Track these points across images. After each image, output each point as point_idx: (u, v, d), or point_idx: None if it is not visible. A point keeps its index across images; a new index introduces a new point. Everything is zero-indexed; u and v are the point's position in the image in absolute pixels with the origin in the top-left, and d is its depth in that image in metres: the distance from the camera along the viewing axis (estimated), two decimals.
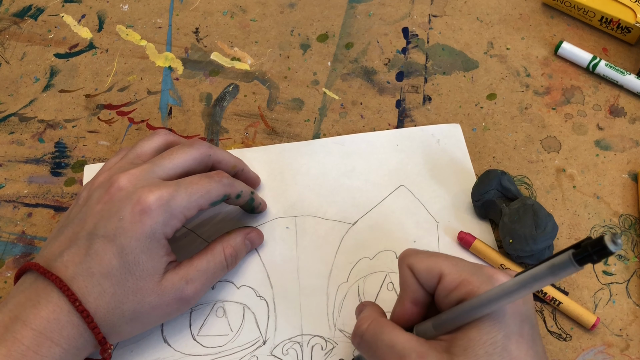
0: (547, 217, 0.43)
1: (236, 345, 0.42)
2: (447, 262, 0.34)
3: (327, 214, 0.47)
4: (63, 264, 0.37)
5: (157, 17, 0.58)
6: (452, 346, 0.31)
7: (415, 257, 0.34)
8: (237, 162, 0.45)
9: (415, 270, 0.34)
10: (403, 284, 0.35)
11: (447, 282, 0.33)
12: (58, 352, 0.35)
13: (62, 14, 0.58)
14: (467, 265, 0.33)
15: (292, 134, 0.51)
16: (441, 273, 0.33)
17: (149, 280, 0.37)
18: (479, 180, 0.46)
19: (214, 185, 0.40)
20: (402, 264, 0.35)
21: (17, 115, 0.52)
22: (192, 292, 0.39)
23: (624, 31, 0.54)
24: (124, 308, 0.37)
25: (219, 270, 0.41)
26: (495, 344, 0.30)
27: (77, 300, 0.35)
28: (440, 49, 0.55)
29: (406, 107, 0.52)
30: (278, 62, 0.55)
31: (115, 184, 0.38)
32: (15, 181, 0.49)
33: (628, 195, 0.48)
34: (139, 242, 0.37)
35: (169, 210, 0.37)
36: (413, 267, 0.34)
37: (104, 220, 0.37)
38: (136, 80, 0.54)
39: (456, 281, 0.33)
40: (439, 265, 0.33)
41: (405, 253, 0.35)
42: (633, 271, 0.45)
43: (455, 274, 0.33)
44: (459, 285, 0.32)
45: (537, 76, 0.54)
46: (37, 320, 0.35)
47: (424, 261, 0.34)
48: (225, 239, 0.43)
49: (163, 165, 0.40)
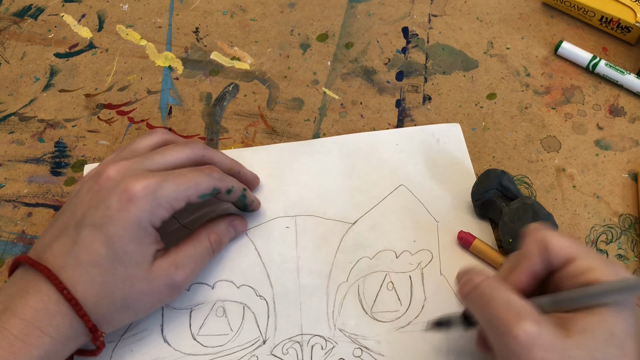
0: (547, 216, 0.43)
1: (236, 345, 0.42)
2: (583, 246, 0.35)
3: (327, 214, 0.47)
4: (52, 254, 0.37)
5: (157, 17, 0.58)
6: (569, 324, 0.32)
7: (551, 233, 0.35)
8: (233, 164, 0.45)
9: (550, 245, 0.34)
10: (525, 256, 0.35)
11: (579, 265, 0.33)
12: (47, 341, 0.35)
13: (62, 14, 0.58)
14: (600, 256, 0.34)
15: (292, 133, 0.51)
16: (575, 255, 0.34)
17: (138, 268, 0.37)
18: (479, 179, 0.46)
19: (203, 177, 0.40)
20: (531, 237, 0.35)
21: (17, 114, 0.52)
22: (182, 277, 0.39)
23: (623, 31, 0.54)
24: (114, 296, 0.37)
25: (206, 256, 0.42)
26: (614, 336, 0.31)
27: (65, 288, 0.36)
28: (440, 49, 0.55)
29: (406, 107, 0.52)
30: (278, 62, 0.55)
31: (104, 174, 0.39)
32: (15, 181, 0.49)
33: (628, 195, 0.48)
34: (126, 230, 0.37)
35: (155, 199, 0.38)
36: (549, 242, 0.34)
37: (92, 209, 0.38)
38: (136, 80, 0.54)
39: (588, 266, 0.33)
40: (574, 246, 0.34)
41: (537, 227, 0.36)
42: (633, 271, 0.45)
43: (589, 259, 0.33)
44: (589, 271, 0.33)
45: (537, 76, 0.54)
46: (26, 310, 0.35)
47: (560, 239, 0.34)
48: (209, 225, 0.43)
49: (154, 159, 0.40)
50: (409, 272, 0.44)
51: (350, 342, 0.42)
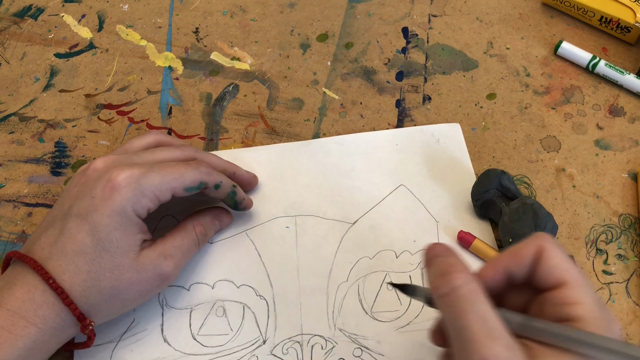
0: (547, 216, 0.43)
1: (236, 345, 0.42)
2: (580, 275, 0.31)
3: (327, 214, 0.47)
4: (40, 246, 0.37)
5: (157, 17, 0.58)
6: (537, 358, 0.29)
7: (553, 246, 0.31)
8: (228, 166, 0.45)
9: (545, 257, 0.31)
10: (515, 253, 0.32)
11: (568, 293, 0.30)
12: (33, 331, 0.35)
13: (62, 14, 0.58)
14: (594, 293, 0.31)
15: (292, 133, 0.51)
16: (567, 281, 0.31)
17: (124, 257, 0.37)
18: (479, 179, 0.46)
19: (189, 170, 0.40)
20: (533, 240, 0.32)
21: (17, 115, 0.52)
22: (170, 267, 0.40)
23: (623, 31, 0.54)
24: (102, 285, 0.37)
25: (192, 247, 0.42)
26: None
27: (50, 278, 0.36)
28: (440, 49, 0.55)
29: (406, 107, 0.52)
30: (278, 62, 0.55)
31: (91, 167, 0.40)
32: (16, 181, 0.49)
33: (628, 195, 0.48)
34: (110, 219, 0.37)
35: (139, 188, 0.38)
36: (546, 253, 0.31)
37: (78, 200, 0.38)
38: (136, 80, 0.54)
39: (578, 298, 0.30)
40: (571, 271, 0.31)
41: (545, 235, 0.32)
42: (633, 271, 0.45)
43: (581, 291, 0.30)
44: (577, 305, 0.30)
45: (536, 76, 0.54)
46: (12, 300, 0.35)
47: (559, 256, 0.31)
48: (195, 217, 0.43)
49: (143, 156, 0.41)
50: (409, 272, 0.44)
51: (350, 342, 0.42)
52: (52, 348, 0.37)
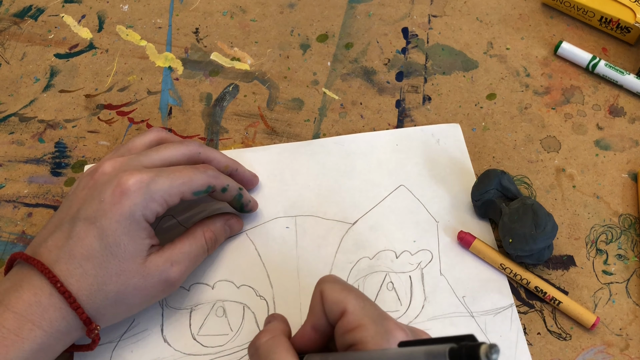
0: (547, 216, 0.43)
1: (236, 345, 0.42)
2: (356, 300, 0.33)
3: (327, 214, 0.47)
4: (47, 249, 0.37)
5: (157, 17, 0.58)
6: None
7: (328, 285, 0.34)
8: (230, 163, 0.45)
9: (324, 298, 0.34)
10: (311, 308, 0.35)
11: (348, 321, 0.32)
12: (40, 334, 0.35)
13: (62, 14, 0.58)
14: (373, 311, 0.33)
15: (292, 134, 0.51)
16: (345, 310, 0.32)
17: (131, 262, 0.37)
18: (479, 180, 0.46)
19: (197, 174, 0.40)
20: (316, 288, 0.35)
21: (17, 115, 0.52)
22: (177, 274, 0.39)
23: (623, 31, 0.54)
24: (108, 290, 0.37)
25: (201, 254, 0.42)
26: None
27: (58, 281, 0.36)
28: (440, 49, 0.55)
29: (406, 107, 0.52)
30: (278, 62, 0.55)
31: (100, 170, 0.39)
32: (16, 181, 0.49)
33: (628, 195, 0.48)
34: (118, 224, 0.37)
35: (148, 192, 0.38)
36: (323, 294, 0.34)
37: (87, 204, 0.38)
38: (136, 80, 0.54)
39: (355, 323, 0.32)
40: (346, 301, 0.33)
41: (323, 278, 0.35)
42: (633, 271, 0.45)
43: (357, 315, 0.32)
44: (356, 329, 0.32)
45: (536, 76, 0.54)
46: (19, 303, 0.35)
47: (334, 292, 0.33)
48: (205, 223, 0.43)
49: (150, 156, 0.41)
50: (409, 272, 0.44)
51: None
52: (58, 351, 0.37)
